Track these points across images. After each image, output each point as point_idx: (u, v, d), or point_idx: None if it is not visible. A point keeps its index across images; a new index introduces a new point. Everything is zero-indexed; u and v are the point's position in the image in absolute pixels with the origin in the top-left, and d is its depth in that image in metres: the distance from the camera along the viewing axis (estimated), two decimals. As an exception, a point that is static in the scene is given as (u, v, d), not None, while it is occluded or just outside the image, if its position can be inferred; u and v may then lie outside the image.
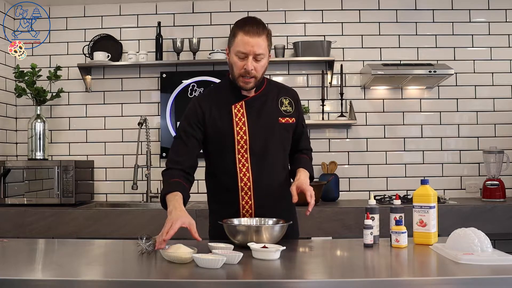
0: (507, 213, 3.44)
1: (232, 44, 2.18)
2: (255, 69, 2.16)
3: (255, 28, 2.14)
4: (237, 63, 2.17)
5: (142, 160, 3.98)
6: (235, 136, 2.21)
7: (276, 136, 2.26)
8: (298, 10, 4.10)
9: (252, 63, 2.15)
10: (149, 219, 3.40)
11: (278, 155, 2.27)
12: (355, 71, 4.05)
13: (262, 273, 1.70)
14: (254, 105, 2.25)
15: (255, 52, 2.14)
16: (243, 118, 2.23)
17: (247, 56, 2.14)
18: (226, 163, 2.23)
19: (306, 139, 2.43)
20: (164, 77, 4.08)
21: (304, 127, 2.40)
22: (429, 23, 4.06)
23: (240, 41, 2.14)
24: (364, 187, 3.98)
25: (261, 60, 2.17)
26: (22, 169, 3.68)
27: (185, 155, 2.22)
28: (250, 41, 2.12)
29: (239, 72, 2.17)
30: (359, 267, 1.83)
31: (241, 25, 2.16)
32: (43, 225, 3.43)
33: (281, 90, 2.35)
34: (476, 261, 1.73)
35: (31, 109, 4.02)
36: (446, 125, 4.03)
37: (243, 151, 2.21)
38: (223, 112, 2.24)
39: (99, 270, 1.82)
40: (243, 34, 2.13)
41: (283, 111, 2.29)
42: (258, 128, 2.23)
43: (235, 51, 2.16)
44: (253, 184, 2.21)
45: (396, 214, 2.10)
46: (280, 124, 2.27)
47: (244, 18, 2.23)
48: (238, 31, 2.15)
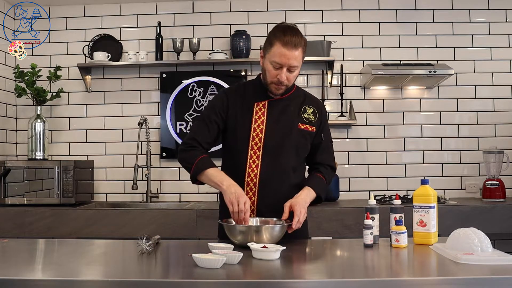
0: (507, 213, 3.44)
1: (268, 52, 2.19)
2: (287, 79, 2.20)
3: (293, 40, 2.13)
4: (271, 72, 2.19)
5: (142, 160, 3.98)
6: (251, 132, 2.24)
7: (292, 140, 2.27)
8: (298, 10, 4.10)
9: (286, 74, 2.17)
10: (149, 219, 3.40)
11: (290, 159, 2.28)
12: (355, 71, 4.05)
13: (262, 273, 1.71)
14: (276, 107, 2.28)
15: (290, 64, 2.16)
16: (263, 117, 2.26)
17: (282, 67, 2.16)
18: (238, 156, 2.25)
19: (326, 153, 2.40)
20: (164, 77, 4.08)
21: (324, 139, 2.37)
22: (429, 23, 4.06)
23: (277, 52, 2.15)
24: (364, 187, 3.98)
25: (295, 71, 2.20)
26: (22, 169, 3.68)
27: (207, 138, 2.26)
28: (287, 54, 2.14)
29: (271, 79, 2.21)
30: (359, 267, 1.83)
31: (280, 35, 2.15)
32: (43, 225, 3.43)
33: (307, 98, 2.38)
34: (476, 261, 1.73)
35: (31, 109, 4.02)
36: (446, 125, 4.03)
37: (256, 148, 2.23)
38: (245, 107, 2.28)
39: (99, 270, 1.82)
40: (280, 46, 2.14)
41: (305, 118, 2.32)
42: (276, 129, 2.25)
43: (270, 60, 2.18)
44: (259, 181, 2.22)
45: (396, 214, 2.10)
46: (298, 130, 2.29)
47: (283, 27, 2.20)
48: (276, 41, 2.15)
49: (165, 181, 4.06)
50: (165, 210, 3.53)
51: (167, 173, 4.06)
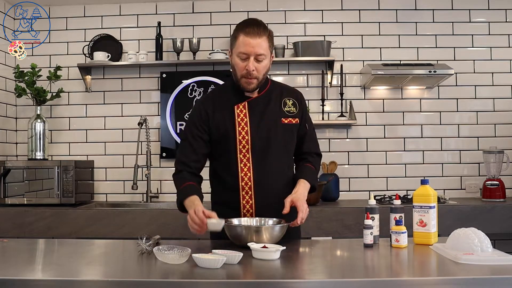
0: (507, 213, 3.44)
1: (233, 46, 2.22)
2: (256, 70, 2.18)
3: (255, 29, 2.17)
4: (238, 64, 2.20)
5: (142, 160, 3.98)
6: (237, 136, 2.23)
7: (278, 136, 2.26)
8: (298, 10, 4.10)
9: (254, 64, 2.17)
10: (149, 219, 3.41)
11: (280, 155, 2.28)
12: (355, 71, 4.05)
13: (262, 273, 1.70)
14: (257, 106, 2.27)
15: (256, 52, 2.16)
16: (246, 118, 2.24)
17: (249, 57, 2.17)
18: (228, 163, 2.24)
19: (311, 141, 2.40)
20: (164, 77, 4.08)
21: (309, 128, 2.37)
22: (429, 23, 4.06)
23: (241, 42, 2.17)
24: (364, 187, 3.98)
25: (263, 60, 2.19)
26: (22, 169, 3.68)
27: (194, 157, 2.26)
28: (251, 42, 2.15)
29: (241, 73, 2.20)
30: (359, 267, 1.83)
31: (242, 27, 2.20)
32: (43, 225, 3.43)
33: (284, 91, 2.36)
34: (476, 261, 1.73)
35: (31, 109, 4.02)
36: (446, 125, 4.03)
37: (245, 151, 2.22)
38: (226, 113, 2.26)
39: (99, 270, 1.82)
40: (244, 36, 2.17)
41: (286, 112, 2.30)
42: (260, 128, 2.24)
43: (236, 53, 2.20)
44: (254, 184, 2.22)
45: (396, 214, 2.10)
46: (283, 125, 2.27)
47: (245, 20, 2.26)
48: (239, 32, 2.19)
49: (165, 181, 4.06)
50: (165, 210, 3.53)
51: (167, 173, 4.06)
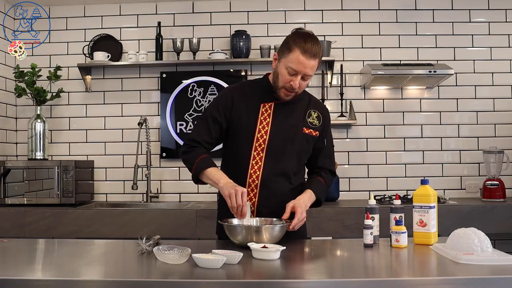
0: (507, 213, 3.44)
1: (284, 55, 2.17)
2: (299, 87, 2.19)
3: (313, 49, 2.12)
4: (284, 76, 2.17)
5: (142, 160, 3.98)
6: (256, 133, 2.23)
7: (296, 144, 2.27)
8: (298, 10, 4.10)
9: (299, 81, 2.16)
10: (149, 219, 3.40)
11: (292, 162, 2.28)
12: (355, 71, 4.05)
13: (262, 273, 1.71)
14: (282, 109, 2.27)
15: (306, 73, 2.15)
16: (269, 118, 2.25)
17: (297, 75, 2.15)
18: (241, 157, 2.24)
19: (327, 157, 2.40)
20: (164, 77, 4.08)
21: (327, 144, 2.38)
22: (429, 23, 4.05)
23: (296, 59, 2.13)
24: (364, 187, 3.98)
25: (308, 79, 2.19)
26: (22, 169, 3.68)
27: (207, 138, 2.26)
28: (305, 62, 2.12)
29: (283, 84, 2.19)
30: (359, 267, 1.83)
31: (300, 41, 2.13)
32: (43, 225, 3.43)
33: (312, 101, 2.37)
34: (476, 261, 1.73)
35: (31, 109, 4.02)
36: (446, 125, 4.03)
37: (260, 150, 2.23)
38: (251, 108, 2.26)
39: (99, 270, 1.82)
40: (300, 53, 2.12)
41: (309, 123, 2.31)
42: (281, 132, 2.24)
43: (286, 65, 2.16)
44: (260, 183, 2.22)
45: (396, 214, 2.10)
46: (303, 134, 2.28)
47: (304, 33, 2.18)
48: (296, 47, 2.13)
49: (165, 181, 4.06)
50: (165, 210, 3.53)
51: (167, 173, 4.06)
